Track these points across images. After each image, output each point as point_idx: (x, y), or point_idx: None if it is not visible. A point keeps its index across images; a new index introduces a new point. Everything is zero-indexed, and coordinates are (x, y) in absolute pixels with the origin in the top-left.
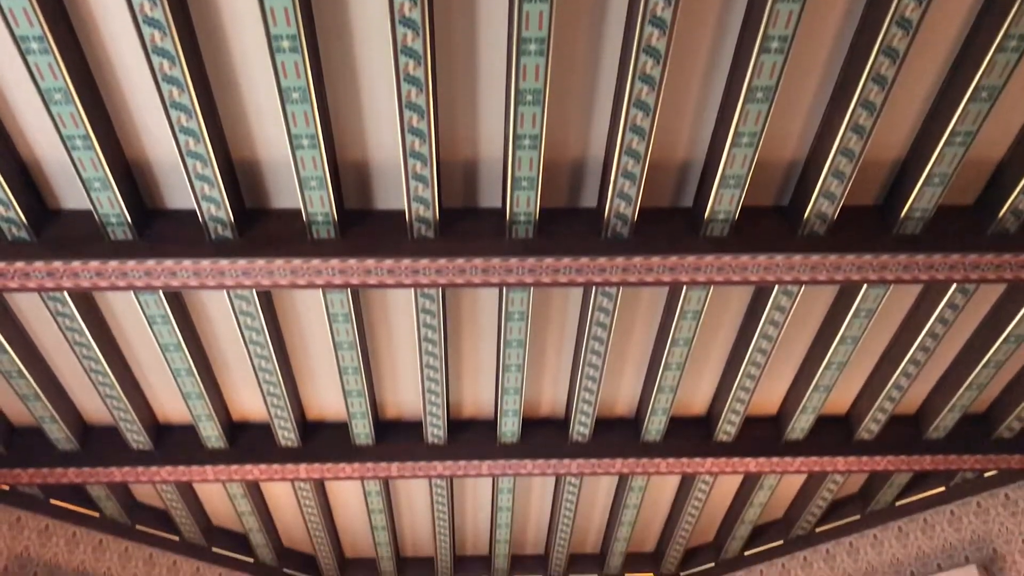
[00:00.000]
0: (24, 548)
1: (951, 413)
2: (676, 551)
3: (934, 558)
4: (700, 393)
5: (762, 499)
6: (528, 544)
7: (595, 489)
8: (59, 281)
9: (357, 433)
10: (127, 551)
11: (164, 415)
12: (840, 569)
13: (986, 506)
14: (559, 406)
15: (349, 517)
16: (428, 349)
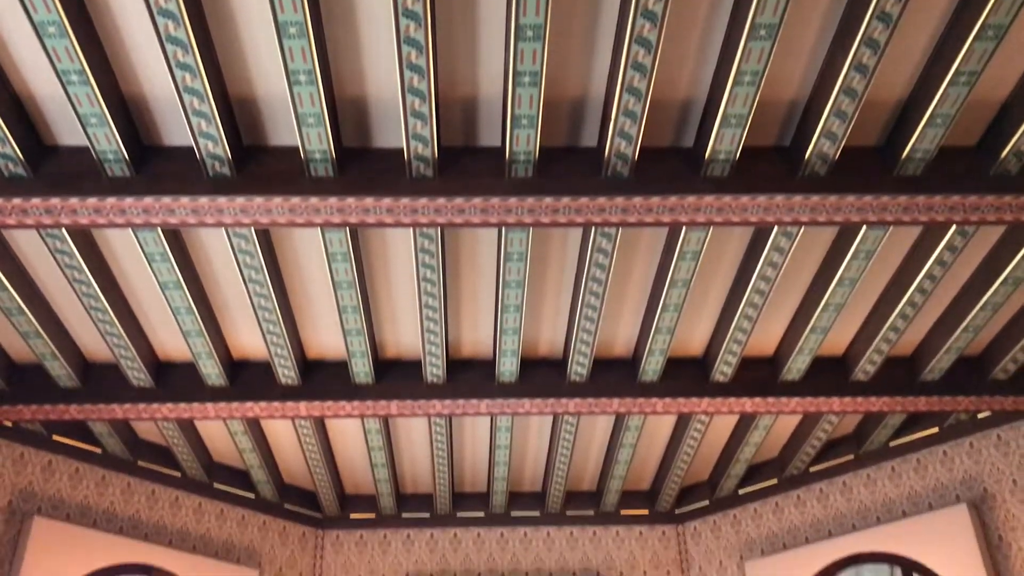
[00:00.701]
0: (28, 483)
1: (947, 355)
2: (671, 489)
3: (926, 497)
4: (697, 334)
5: (757, 439)
6: (526, 482)
7: (592, 428)
8: (57, 218)
9: (357, 372)
10: (129, 487)
11: (164, 353)
12: (833, 508)
13: (978, 447)
14: (557, 346)
15: (349, 454)
16: (427, 289)
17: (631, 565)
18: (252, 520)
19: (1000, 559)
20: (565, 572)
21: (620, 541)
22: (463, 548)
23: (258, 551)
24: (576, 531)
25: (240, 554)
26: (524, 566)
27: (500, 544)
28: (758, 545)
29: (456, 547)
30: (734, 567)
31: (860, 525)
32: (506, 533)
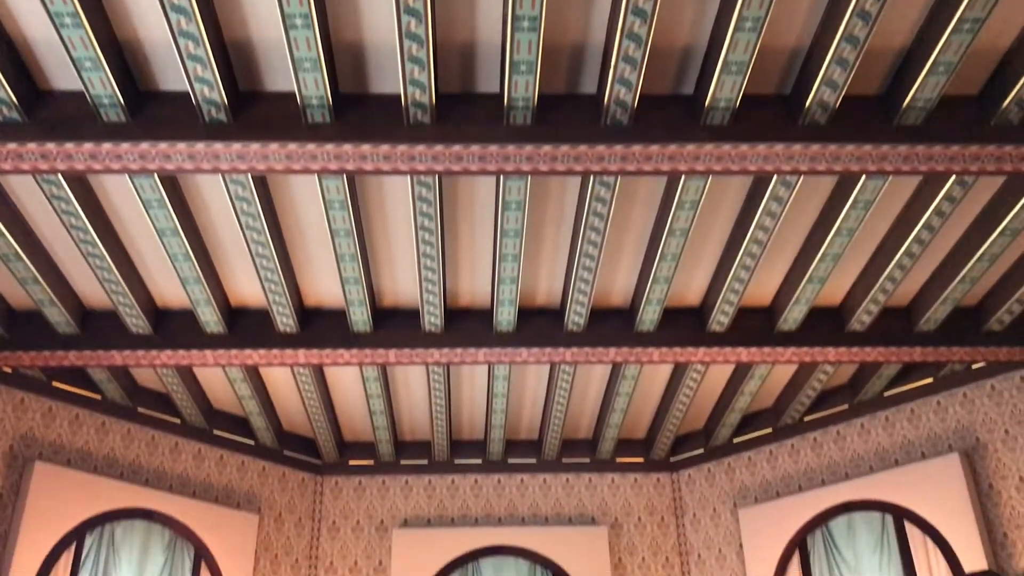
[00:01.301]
0: (28, 429)
1: (943, 306)
2: (666, 438)
3: (918, 446)
4: (695, 284)
5: (752, 388)
6: (522, 430)
7: (588, 377)
8: (53, 163)
9: (355, 320)
10: (129, 433)
11: (163, 300)
12: (827, 457)
13: (972, 397)
14: (555, 296)
15: (348, 402)
16: (425, 238)
17: (626, 511)
18: (252, 466)
19: (990, 507)
20: (561, 518)
21: (615, 488)
22: (460, 494)
23: (258, 496)
24: (572, 478)
25: (240, 499)
26: (520, 512)
27: (497, 490)
28: (752, 492)
29: (453, 493)
30: (727, 514)
31: (853, 473)
32: (503, 480)
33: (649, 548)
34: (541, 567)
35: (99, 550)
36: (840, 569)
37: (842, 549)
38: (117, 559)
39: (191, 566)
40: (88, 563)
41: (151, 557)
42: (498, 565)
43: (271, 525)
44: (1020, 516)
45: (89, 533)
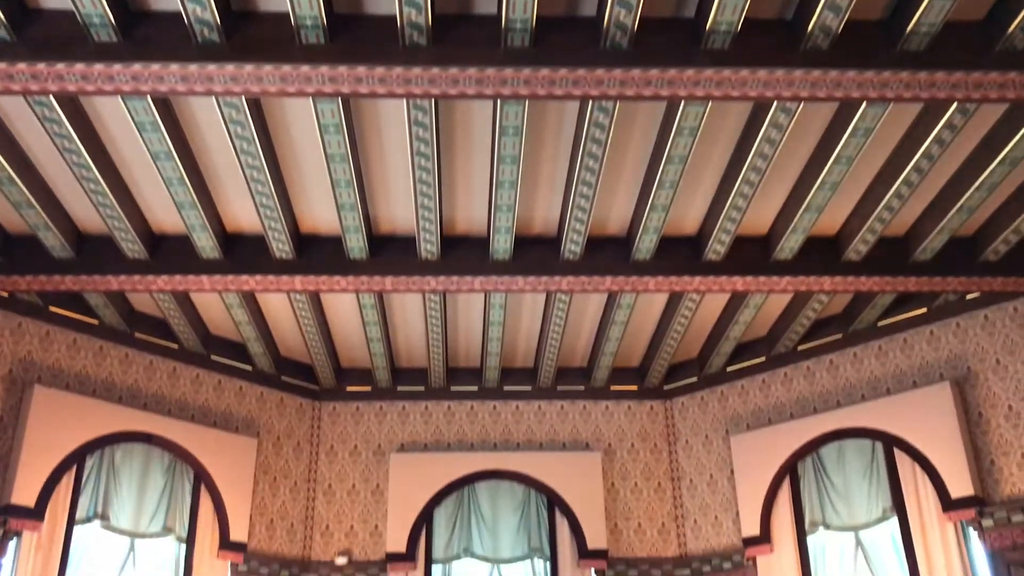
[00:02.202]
0: (27, 353)
1: (939, 235)
2: (660, 366)
3: (911, 375)
4: (692, 212)
5: (747, 317)
6: (518, 357)
7: (584, 306)
8: (44, 84)
9: (351, 247)
10: (127, 357)
11: (158, 225)
12: (819, 385)
13: (965, 327)
14: (551, 224)
15: (345, 329)
16: (421, 164)
17: (619, 438)
18: (250, 391)
19: (979, 435)
20: (555, 444)
21: (609, 415)
22: (457, 420)
23: (256, 421)
24: (567, 405)
25: (238, 423)
26: (516, 438)
27: (493, 417)
28: (744, 420)
29: (450, 419)
30: (719, 440)
31: (845, 402)
32: (498, 406)
33: (642, 473)
34: (536, 491)
35: (99, 473)
36: (829, 495)
37: (832, 475)
38: (117, 482)
39: (191, 489)
40: (89, 485)
41: (151, 480)
42: (493, 489)
43: (269, 449)
44: (1008, 443)
45: (89, 456)
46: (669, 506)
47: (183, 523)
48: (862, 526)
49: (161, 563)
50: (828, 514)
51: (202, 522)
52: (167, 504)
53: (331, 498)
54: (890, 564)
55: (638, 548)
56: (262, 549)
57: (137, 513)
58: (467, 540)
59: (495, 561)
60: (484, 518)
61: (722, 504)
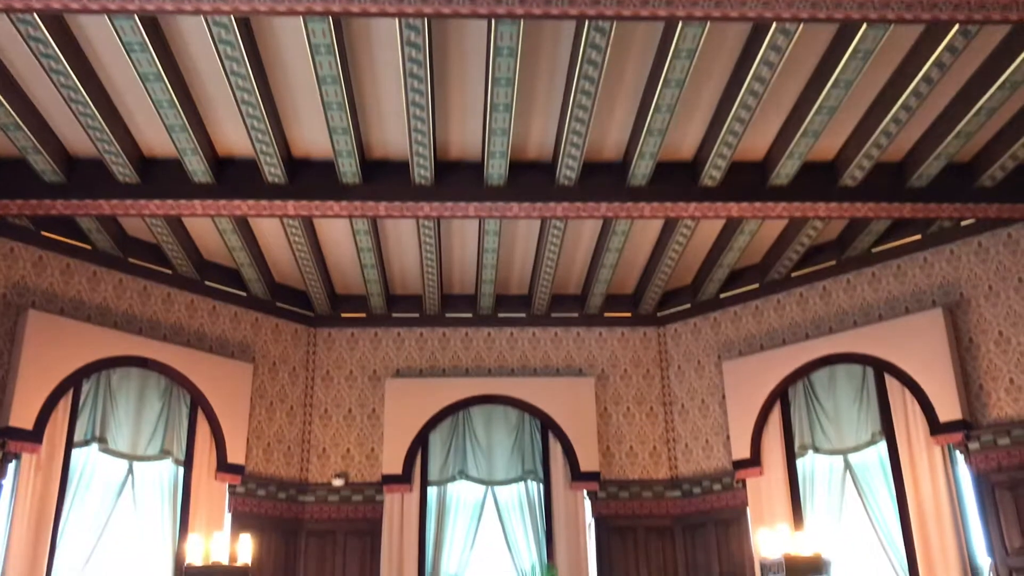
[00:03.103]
0: (20, 277)
1: (936, 161)
2: (654, 293)
3: (903, 301)
4: (688, 137)
5: (741, 244)
6: (513, 285)
7: (579, 233)
8: (28, 1)
9: (344, 172)
10: (121, 283)
11: (149, 148)
12: (812, 311)
13: (958, 253)
14: (547, 149)
15: (339, 255)
16: (414, 86)
17: (612, 364)
18: (245, 317)
19: (968, 360)
20: (549, 370)
21: (603, 342)
22: (451, 347)
23: (251, 346)
24: (561, 332)
25: (234, 349)
26: (510, 363)
27: (487, 343)
28: (736, 346)
29: (445, 346)
30: (712, 366)
31: (837, 328)
32: (493, 333)
33: (634, 398)
34: (529, 415)
35: (96, 397)
36: (819, 419)
37: (822, 400)
38: (114, 405)
39: (187, 412)
40: (86, 409)
41: (148, 404)
42: (488, 413)
43: (265, 374)
44: (997, 369)
45: (85, 380)
46: (661, 430)
47: (180, 446)
48: (851, 449)
49: (159, 485)
50: (818, 438)
51: (199, 445)
52: (164, 427)
53: (327, 422)
54: (878, 487)
55: (629, 471)
56: (259, 471)
57: (134, 436)
58: (462, 463)
59: (489, 483)
60: (479, 441)
61: (713, 428)
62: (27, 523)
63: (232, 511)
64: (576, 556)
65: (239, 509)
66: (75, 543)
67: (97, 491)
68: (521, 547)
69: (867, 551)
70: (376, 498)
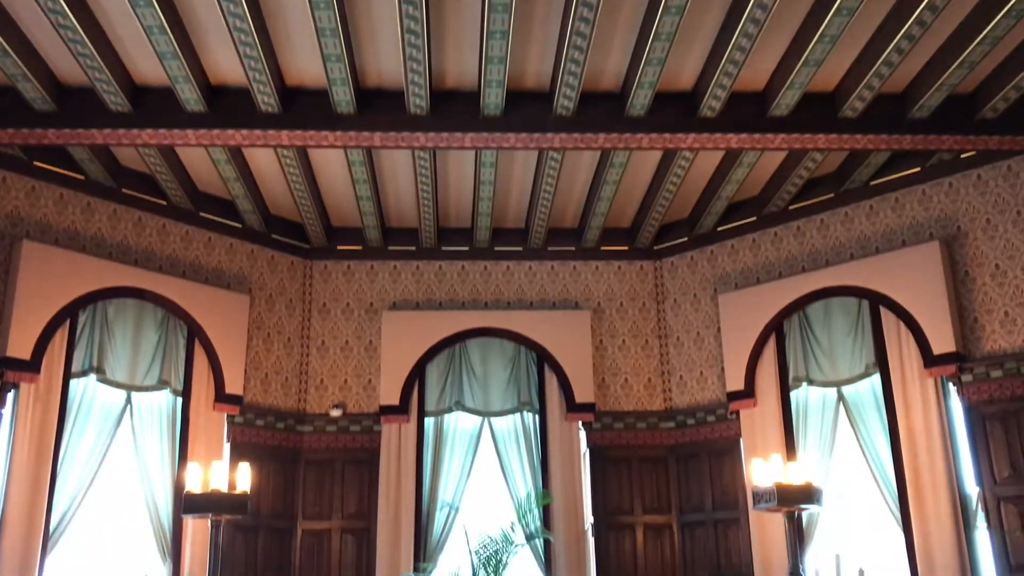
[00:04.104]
0: (13, 208)
1: (938, 92)
2: (651, 227)
3: (900, 234)
4: (688, 67)
5: (740, 176)
6: (509, 218)
7: (576, 164)
8: None
9: (338, 101)
10: (115, 214)
11: (140, 76)
12: (809, 245)
13: (957, 186)
14: (544, 78)
15: (334, 187)
16: (409, 12)
17: (609, 297)
18: (240, 249)
19: (964, 293)
20: (545, 303)
21: (599, 275)
22: (448, 280)
23: (248, 278)
24: (557, 265)
25: (230, 280)
26: (506, 297)
27: (483, 277)
28: (732, 279)
29: (441, 279)
30: (708, 299)
31: (833, 261)
32: (489, 267)
33: (630, 331)
34: (526, 348)
35: (93, 327)
36: (814, 351)
37: (817, 333)
38: (111, 336)
39: (184, 343)
40: (83, 339)
41: (144, 334)
42: (484, 346)
43: (262, 306)
44: (992, 301)
45: (82, 311)
46: (656, 362)
47: (178, 377)
48: (845, 381)
49: (158, 415)
50: (812, 370)
51: (197, 376)
52: (161, 358)
53: (324, 354)
54: (870, 418)
55: (624, 402)
56: (257, 402)
57: (132, 367)
58: (458, 394)
59: (486, 414)
60: (475, 373)
61: (708, 361)
62: (27, 452)
63: (231, 441)
64: (571, 485)
65: (238, 439)
66: (75, 472)
67: (96, 421)
68: (517, 476)
69: (859, 481)
70: (374, 428)
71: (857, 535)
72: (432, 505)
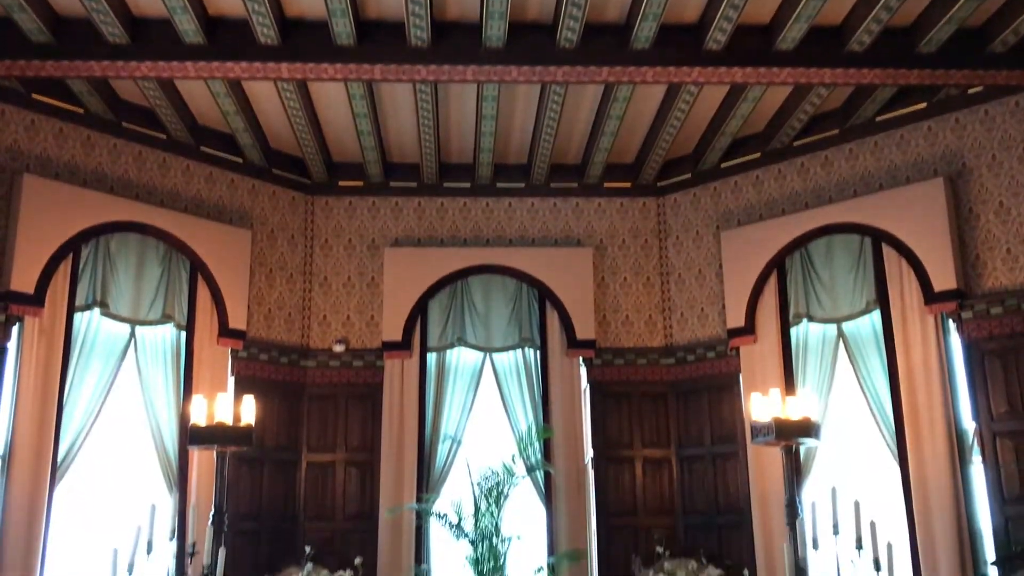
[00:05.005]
0: (13, 142)
1: (947, 26)
2: (655, 163)
3: (904, 171)
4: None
5: (745, 111)
6: (511, 154)
7: (579, 99)
8: None
9: (338, 33)
10: (116, 148)
11: (138, 7)
12: (812, 181)
13: (964, 122)
14: (547, 10)
15: (335, 121)
16: None
17: (611, 234)
18: (241, 184)
19: (967, 230)
20: (547, 240)
21: (601, 212)
22: (449, 217)
23: (249, 214)
24: (559, 202)
25: (232, 215)
26: (508, 234)
27: (485, 213)
28: (735, 216)
29: (443, 215)
30: (710, 236)
31: (837, 197)
32: (491, 203)
33: (631, 269)
34: (527, 285)
35: (95, 262)
36: (815, 288)
37: (819, 269)
38: (114, 270)
39: (187, 278)
40: (86, 274)
41: (147, 269)
42: (486, 283)
43: (264, 241)
44: (995, 238)
45: (84, 245)
46: (657, 300)
47: (182, 311)
48: (845, 318)
49: (162, 349)
50: (812, 306)
51: (200, 311)
52: (165, 292)
53: (327, 290)
54: (870, 354)
55: (625, 339)
56: (261, 337)
57: (135, 301)
58: (460, 330)
59: (487, 350)
60: (477, 310)
61: (709, 298)
62: (33, 385)
63: (235, 375)
64: (571, 420)
65: (242, 373)
66: (81, 405)
67: (100, 354)
68: (518, 411)
69: (857, 417)
70: (376, 364)
71: (854, 469)
72: (435, 438)
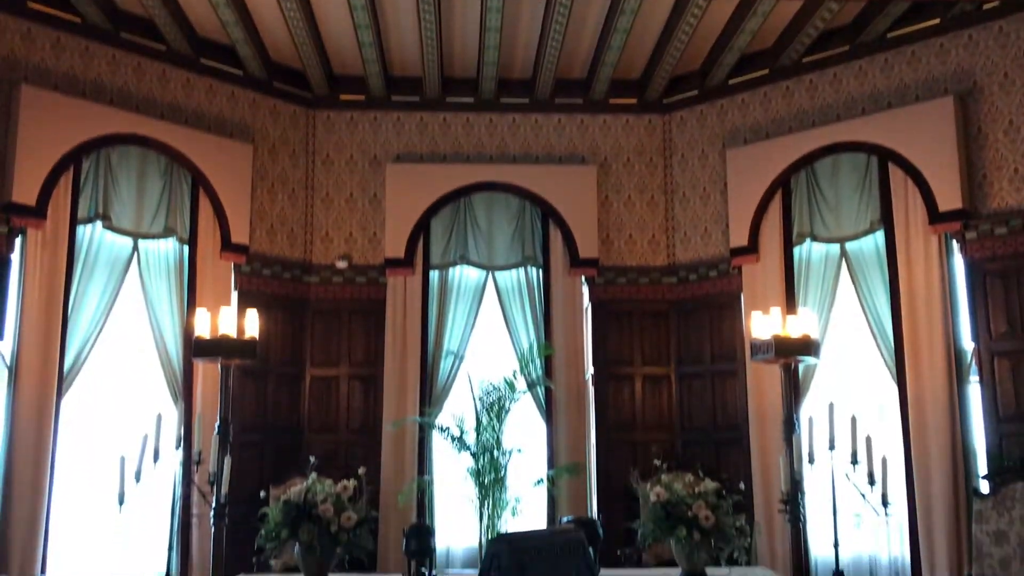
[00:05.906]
0: (9, 51)
1: None
2: (661, 79)
3: (914, 89)
4: None
5: (754, 26)
6: (516, 68)
7: (586, 11)
8: None
9: None
10: (115, 59)
11: None
12: (820, 99)
13: (977, 39)
14: None
15: (336, 33)
16: None
17: (615, 152)
18: (242, 97)
19: (975, 150)
20: (551, 157)
21: (606, 129)
22: (452, 132)
23: (250, 127)
24: (564, 119)
25: (233, 129)
26: (512, 150)
27: (489, 130)
28: (741, 134)
29: (445, 131)
30: (715, 155)
31: (844, 116)
32: (495, 119)
33: (636, 187)
34: (530, 203)
35: (96, 174)
36: (819, 207)
37: (824, 188)
38: (116, 183)
39: (189, 191)
40: (87, 186)
41: (149, 182)
42: (488, 200)
43: (265, 156)
44: (1003, 158)
45: (85, 158)
46: (661, 218)
47: (184, 225)
48: (849, 237)
49: (165, 262)
50: (816, 226)
51: (203, 224)
52: (167, 206)
53: (329, 205)
54: (872, 273)
55: (628, 257)
56: (264, 251)
57: (137, 214)
58: (463, 248)
59: (490, 267)
60: (479, 227)
61: (713, 217)
62: (38, 297)
63: (238, 289)
64: (573, 337)
65: (245, 287)
66: (86, 316)
67: (104, 267)
68: (520, 328)
69: (857, 335)
70: (379, 280)
71: (852, 387)
72: (437, 354)
